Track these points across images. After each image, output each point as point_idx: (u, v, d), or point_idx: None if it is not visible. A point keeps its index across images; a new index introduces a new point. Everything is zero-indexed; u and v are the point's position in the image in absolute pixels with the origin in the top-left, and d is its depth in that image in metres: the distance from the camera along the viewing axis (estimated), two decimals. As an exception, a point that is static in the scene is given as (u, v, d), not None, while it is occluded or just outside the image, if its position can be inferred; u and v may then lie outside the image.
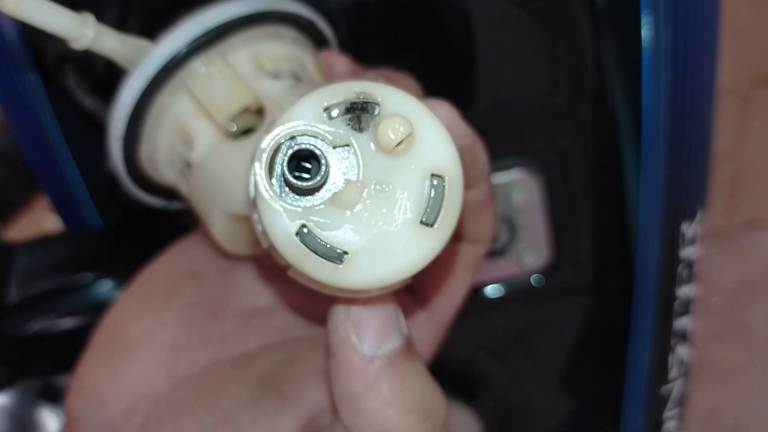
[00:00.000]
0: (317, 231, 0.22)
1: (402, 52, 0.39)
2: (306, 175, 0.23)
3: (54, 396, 0.49)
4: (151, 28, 0.36)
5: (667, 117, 0.41)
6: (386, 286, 0.23)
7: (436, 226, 0.22)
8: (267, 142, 0.22)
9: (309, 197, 0.22)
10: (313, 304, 0.32)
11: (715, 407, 0.99)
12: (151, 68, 0.30)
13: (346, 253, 0.22)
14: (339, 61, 0.32)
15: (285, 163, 0.22)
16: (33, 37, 0.38)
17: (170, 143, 0.32)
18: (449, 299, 0.32)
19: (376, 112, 0.23)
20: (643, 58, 0.40)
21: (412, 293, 0.32)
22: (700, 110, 0.43)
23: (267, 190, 0.22)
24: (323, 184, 0.22)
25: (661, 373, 0.49)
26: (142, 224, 0.42)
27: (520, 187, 0.43)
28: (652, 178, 0.42)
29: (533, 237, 0.44)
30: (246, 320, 0.32)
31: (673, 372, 0.49)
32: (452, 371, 0.48)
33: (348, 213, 0.22)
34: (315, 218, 0.22)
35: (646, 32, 0.39)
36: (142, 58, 0.30)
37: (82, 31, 0.30)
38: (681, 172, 0.43)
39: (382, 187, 0.22)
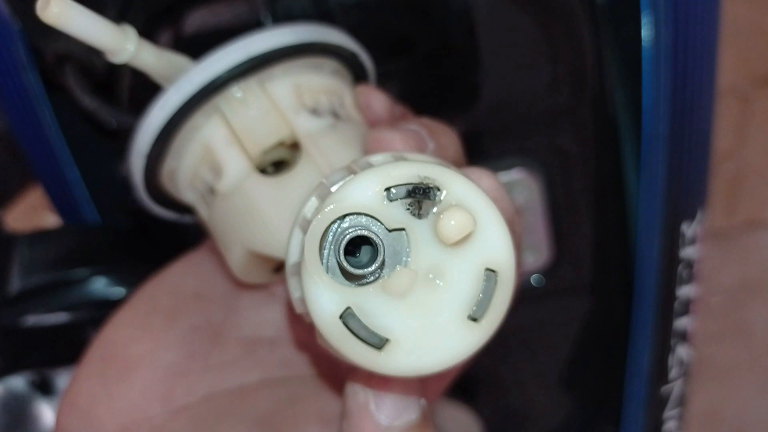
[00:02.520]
0: (361, 315, 0.21)
1: (402, 52, 0.39)
2: (357, 258, 0.22)
3: (49, 388, 0.49)
4: (151, 27, 0.36)
5: (667, 117, 0.41)
6: (423, 375, 0.22)
7: (482, 321, 0.22)
8: (322, 222, 0.21)
9: (358, 280, 0.22)
10: None
11: (715, 407, 0.99)
12: (189, 88, 0.29)
13: (388, 340, 0.21)
14: (377, 98, 0.31)
15: (340, 247, 0.21)
16: (33, 37, 0.38)
17: (195, 165, 0.30)
18: None
19: (438, 199, 0.22)
20: (643, 58, 0.40)
21: None
22: (700, 110, 0.43)
23: (316, 268, 0.21)
24: (377, 273, 0.22)
25: (661, 373, 0.49)
26: (149, 226, 0.42)
27: (520, 187, 0.43)
28: (652, 178, 0.42)
29: (533, 237, 0.44)
30: (248, 349, 0.31)
31: (673, 372, 0.49)
32: (452, 371, 0.48)
33: (395, 300, 0.22)
34: (361, 302, 0.21)
35: (646, 32, 0.39)
36: (180, 76, 0.29)
37: (123, 45, 0.29)
38: (681, 172, 0.43)
39: (434, 277, 0.22)
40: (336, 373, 0.30)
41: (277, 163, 0.30)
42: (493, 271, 0.22)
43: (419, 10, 0.38)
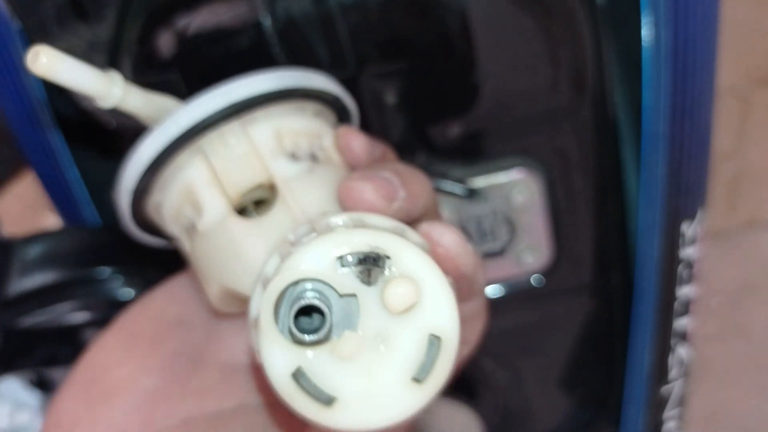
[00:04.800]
0: (311, 375, 0.23)
1: (402, 52, 0.39)
2: (311, 320, 0.23)
3: (48, 387, 0.49)
4: (151, 28, 0.36)
5: (667, 117, 0.41)
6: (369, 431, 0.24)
7: (425, 383, 0.23)
8: (276, 286, 0.23)
9: (309, 343, 0.23)
10: None
11: (715, 407, 0.99)
12: (174, 130, 0.30)
13: (335, 398, 0.23)
14: (357, 140, 0.32)
15: (291, 313, 0.23)
16: (33, 37, 0.38)
17: (179, 202, 0.31)
18: None
19: (387, 267, 0.23)
20: (643, 58, 0.40)
21: None
22: (700, 110, 0.43)
23: (271, 329, 0.23)
24: (325, 339, 0.23)
25: (661, 373, 0.49)
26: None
27: (520, 187, 0.43)
28: (652, 178, 0.42)
29: (533, 237, 0.44)
30: (227, 375, 0.32)
31: (673, 372, 0.49)
32: (452, 371, 0.48)
33: (344, 361, 0.23)
34: (311, 363, 0.23)
35: (646, 32, 0.39)
36: (166, 117, 0.30)
37: (110, 90, 0.30)
38: (681, 172, 0.43)
39: (381, 341, 0.23)
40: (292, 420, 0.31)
41: (259, 201, 0.31)
42: (437, 336, 0.23)
43: (419, 11, 0.38)
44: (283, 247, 0.25)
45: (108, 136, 0.42)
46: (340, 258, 0.23)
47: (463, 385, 0.49)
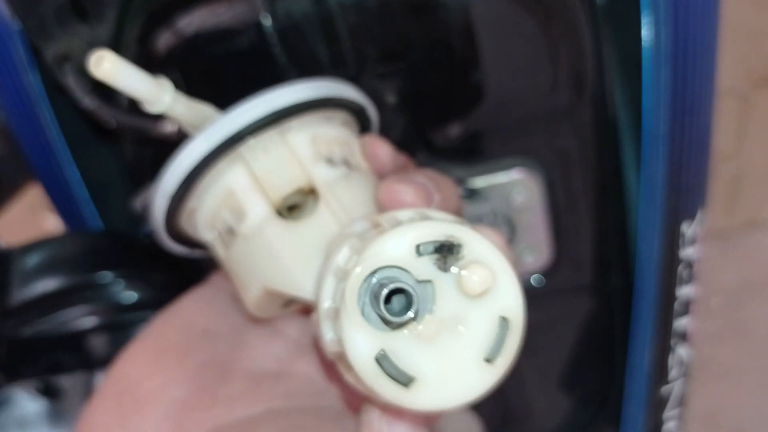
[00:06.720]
0: (393, 357, 0.24)
1: (402, 53, 0.39)
2: (390, 306, 0.25)
3: (54, 394, 0.49)
4: (151, 27, 0.36)
5: (667, 117, 0.41)
6: (444, 411, 0.25)
7: (496, 362, 0.25)
8: (361, 273, 0.24)
9: (392, 326, 0.24)
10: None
11: (715, 407, 0.99)
12: (217, 137, 0.31)
13: (414, 379, 0.24)
14: (383, 149, 0.33)
15: (380, 298, 0.24)
16: (33, 37, 0.38)
17: (216, 207, 0.32)
18: None
19: (461, 254, 0.25)
20: (643, 58, 0.40)
21: None
22: (700, 110, 0.43)
23: (356, 315, 0.24)
24: (412, 320, 0.24)
25: (661, 374, 0.49)
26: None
27: (520, 187, 0.43)
28: (652, 178, 0.42)
29: (533, 237, 0.44)
30: (254, 383, 0.33)
31: (673, 372, 0.49)
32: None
33: (423, 343, 0.24)
34: (394, 345, 0.24)
35: (646, 32, 0.39)
36: (206, 124, 0.31)
37: (161, 97, 0.32)
38: (681, 172, 0.43)
39: (456, 323, 0.25)
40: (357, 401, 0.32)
41: (291, 206, 0.32)
42: (506, 318, 0.25)
43: (419, 11, 0.38)
44: (349, 240, 0.26)
45: (108, 137, 0.42)
46: (418, 246, 0.24)
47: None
